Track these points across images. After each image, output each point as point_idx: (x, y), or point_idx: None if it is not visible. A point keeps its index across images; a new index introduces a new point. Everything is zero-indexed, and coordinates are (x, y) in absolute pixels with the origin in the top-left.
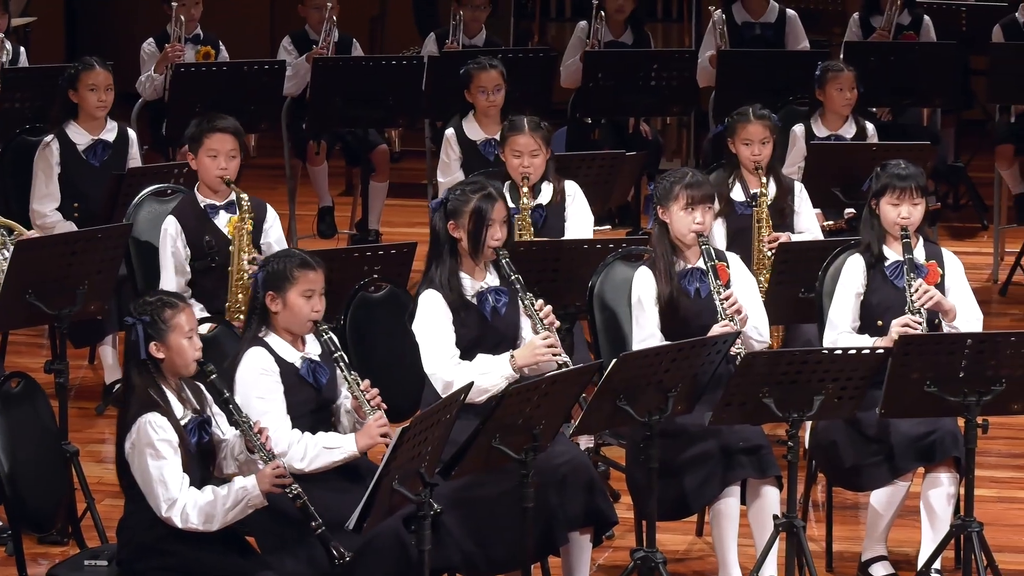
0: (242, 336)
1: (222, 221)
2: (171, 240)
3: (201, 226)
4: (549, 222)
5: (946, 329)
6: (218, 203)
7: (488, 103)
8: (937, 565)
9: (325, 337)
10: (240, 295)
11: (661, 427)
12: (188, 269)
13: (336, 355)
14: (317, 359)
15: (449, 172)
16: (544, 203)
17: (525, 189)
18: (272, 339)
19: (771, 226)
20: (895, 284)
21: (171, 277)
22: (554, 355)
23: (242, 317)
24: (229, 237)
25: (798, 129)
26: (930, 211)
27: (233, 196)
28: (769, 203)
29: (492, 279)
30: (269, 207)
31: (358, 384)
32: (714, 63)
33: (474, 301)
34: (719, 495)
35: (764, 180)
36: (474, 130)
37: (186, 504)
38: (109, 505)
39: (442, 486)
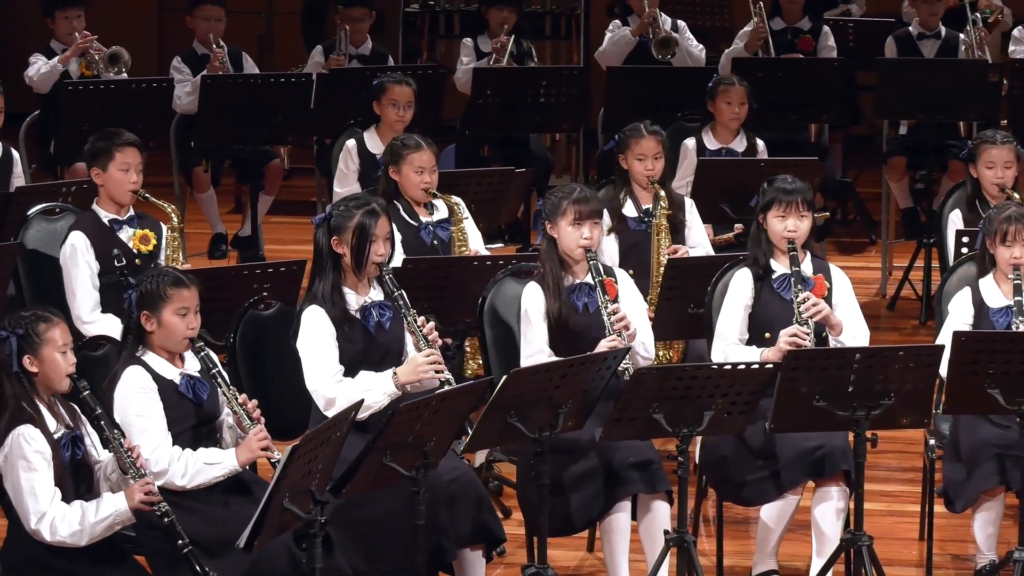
0: (119, 356)
1: (127, 235)
2: (82, 255)
3: (108, 241)
4: (444, 236)
5: (832, 344)
6: (121, 218)
7: (398, 118)
8: None
9: (202, 354)
10: None
11: (552, 443)
12: (98, 283)
13: (214, 371)
14: (197, 375)
15: (346, 183)
16: (439, 219)
17: (446, 202)
18: (149, 357)
19: (670, 238)
20: (783, 297)
21: (87, 291)
22: (437, 371)
23: None
24: (135, 251)
25: (689, 143)
26: (818, 224)
27: (132, 211)
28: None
29: (376, 294)
30: (164, 226)
31: (236, 398)
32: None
33: (358, 316)
34: (610, 511)
35: (662, 194)
36: (375, 143)
37: (55, 518)
38: None
39: (333, 504)
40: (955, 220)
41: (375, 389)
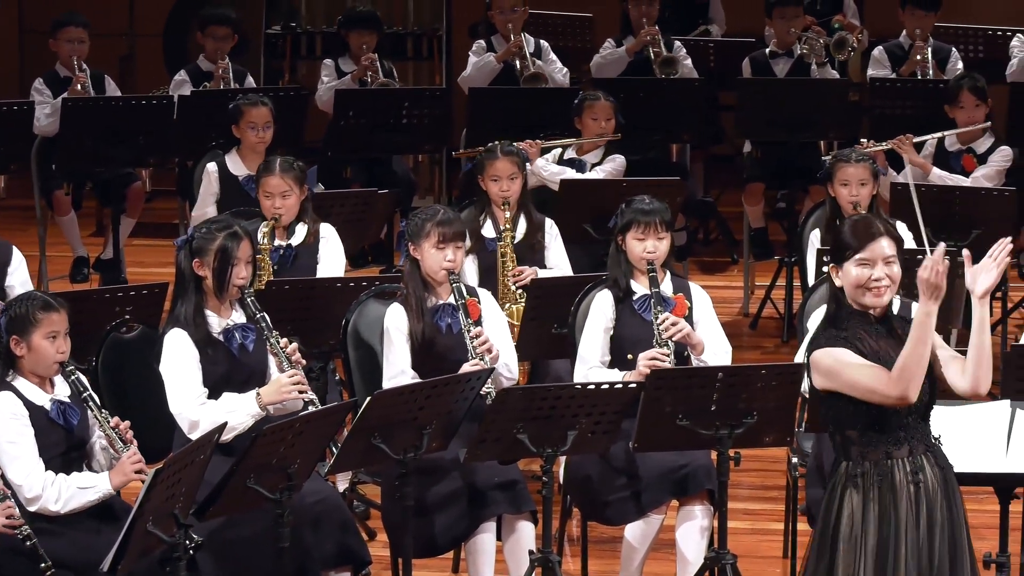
0: None
1: None
2: None
3: None
4: (300, 261)
5: (695, 363)
6: None
7: (258, 139)
8: None
9: (73, 378)
10: None
11: (416, 464)
12: None
13: (85, 395)
14: (67, 400)
15: (204, 205)
16: (295, 243)
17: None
18: (19, 383)
19: (515, 259)
20: (644, 318)
21: None
22: (300, 392)
23: None
24: None
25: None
26: (676, 246)
27: None
28: (520, 239)
29: (238, 316)
30: (15, 249)
31: (108, 421)
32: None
33: (221, 339)
34: (474, 531)
35: (508, 216)
36: (237, 165)
37: None
38: None
39: (197, 527)
40: (814, 240)
41: (238, 410)
